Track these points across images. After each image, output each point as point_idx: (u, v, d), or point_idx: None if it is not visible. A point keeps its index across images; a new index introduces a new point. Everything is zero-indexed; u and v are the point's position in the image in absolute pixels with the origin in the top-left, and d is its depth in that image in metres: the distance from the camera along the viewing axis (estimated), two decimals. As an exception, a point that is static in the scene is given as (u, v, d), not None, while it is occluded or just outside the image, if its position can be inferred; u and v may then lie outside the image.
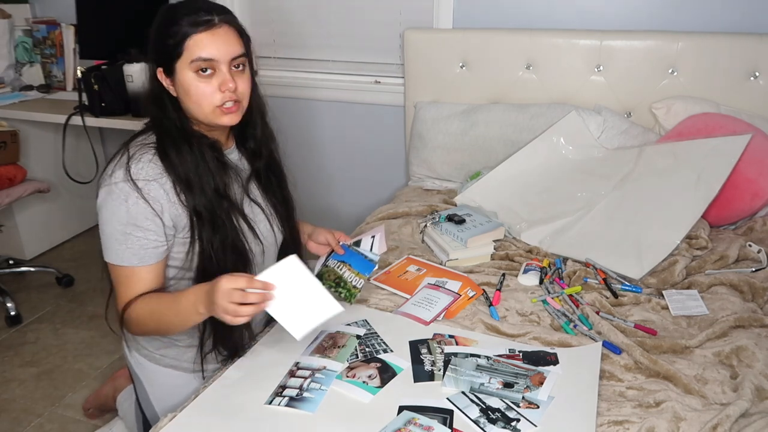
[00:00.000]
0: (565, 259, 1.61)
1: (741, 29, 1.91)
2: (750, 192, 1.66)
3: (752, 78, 1.88)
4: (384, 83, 2.42)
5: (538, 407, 1.04)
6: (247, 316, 1.00)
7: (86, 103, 2.31)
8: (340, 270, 1.35)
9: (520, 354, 1.20)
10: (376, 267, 1.35)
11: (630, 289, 1.46)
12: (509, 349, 1.22)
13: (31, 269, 2.68)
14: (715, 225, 1.75)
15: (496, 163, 1.97)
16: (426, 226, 1.75)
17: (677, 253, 1.55)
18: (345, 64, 2.50)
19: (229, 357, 1.23)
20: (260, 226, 1.26)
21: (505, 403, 1.06)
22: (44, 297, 2.52)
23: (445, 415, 1.03)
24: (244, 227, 1.21)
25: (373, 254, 1.36)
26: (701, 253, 1.59)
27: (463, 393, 1.09)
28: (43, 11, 2.88)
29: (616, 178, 1.78)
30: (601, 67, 2.01)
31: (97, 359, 2.13)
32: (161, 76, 1.13)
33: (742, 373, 1.13)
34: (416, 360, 1.18)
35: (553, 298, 1.41)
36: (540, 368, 1.15)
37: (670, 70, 1.94)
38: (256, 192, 1.28)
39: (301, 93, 2.55)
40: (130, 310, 1.13)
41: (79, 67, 2.44)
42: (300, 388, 1.10)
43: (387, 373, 1.15)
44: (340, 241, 1.39)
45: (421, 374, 1.14)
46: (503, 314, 1.37)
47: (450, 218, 1.70)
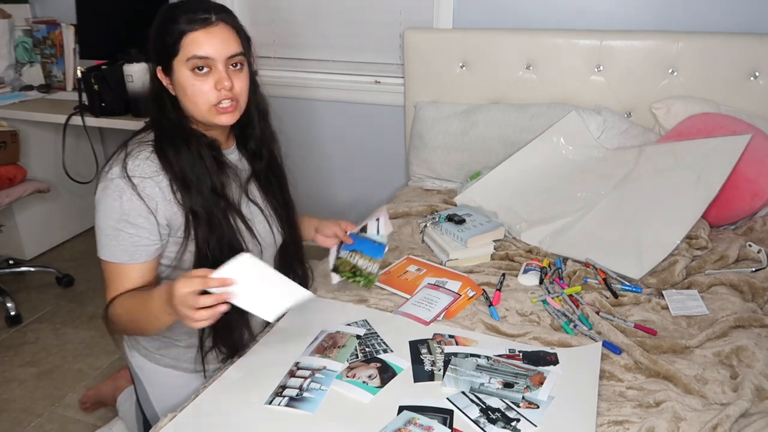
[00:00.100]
0: (565, 259, 1.61)
1: (741, 29, 1.91)
2: (750, 192, 1.66)
3: (752, 78, 1.88)
4: (384, 83, 2.42)
5: (538, 407, 1.04)
6: (207, 320, 0.95)
7: (86, 103, 2.31)
8: (353, 259, 1.39)
9: (520, 354, 1.20)
10: (387, 248, 1.39)
11: (630, 289, 1.46)
12: (509, 349, 1.22)
13: (31, 269, 2.68)
14: (715, 225, 1.75)
15: (496, 163, 1.97)
16: (426, 226, 1.75)
17: (677, 253, 1.55)
18: (345, 64, 2.50)
19: (230, 356, 1.23)
20: (258, 226, 1.25)
21: (505, 403, 1.06)
22: (44, 297, 2.52)
23: (445, 415, 1.03)
24: (242, 227, 1.20)
25: (381, 237, 1.39)
26: (701, 253, 1.59)
27: (463, 393, 1.08)
28: (43, 11, 2.88)
29: (616, 178, 1.78)
30: (601, 67, 2.01)
31: (97, 359, 2.13)
32: (160, 75, 1.13)
33: (742, 373, 1.13)
34: (416, 360, 1.18)
35: (553, 298, 1.41)
36: (540, 368, 1.15)
37: (670, 70, 1.94)
38: (256, 193, 1.28)
39: (301, 93, 2.55)
40: (111, 308, 1.11)
41: (79, 67, 2.44)
42: (300, 388, 1.10)
43: (387, 373, 1.15)
44: (348, 231, 1.41)
45: (421, 374, 1.14)
46: (503, 314, 1.37)
47: (450, 218, 1.70)
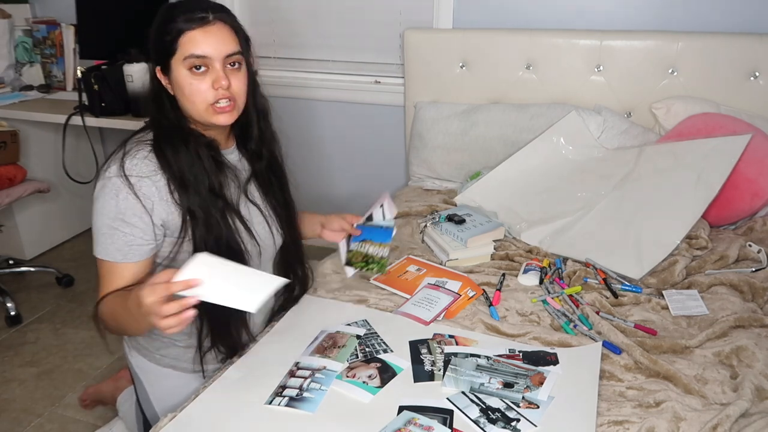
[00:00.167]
0: (565, 259, 1.61)
1: (741, 29, 1.91)
2: (750, 192, 1.66)
3: (752, 78, 1.88)
4: (384, 83, 2.42)
5: (538, 407, 1.04)
6: (177, 327, 0.91)
7: (86, 103, 2.31)
8: (364, 249, 1.40)
9: (520, 354, 1.20)
10: (395, 230, 1.39)
11: (630, 289, 1.46)
12: (509, 349, 1.22)
13: (31, 269, 2.68)
14: (715, 225, 1.75)
15: (496, 163, 1.97)
16: (426, 226, 1.75)
17: (677, 253, 1.55)
18: (345, 64, 2.50)
19: (229, 356, 1.23)
20: (257, 227, 1.24)
21: (505, 403, 1.06)
22: (44, 297, 2.52)
23: (445, 415, 1.03)
24: (240, 227, 1.19)
25: (388, 221, 1.39)
26: (701, 253, 1.59)
27: (463, 393, 1.08)
28: (43, 11, 2.88)
29: (616, 178, 1.78)
30: (601, 67, 2.01)
31: (97, 359, 2.13)
32: (159, 74, 1.13)
33: (742, 373, 1.13)
34: (416, 360, 1.18)
35: (553, 298, 1.41)
36: (540, 368, 1.15)
37: (670, 70, 1.94)
38: (256, 193, 1.27)
39: (301, 93, 2.55)
40: (100, 306, 1.11)
41: (79, 67, 2.44)
42: (300, 388, 1.10)
43: (387, 373, 1.14)
44: (354, 224, 1.41)
45: (421, 374, 1.14)
46: (503, 314, 1.37)
47: (450, 218, 1.70)
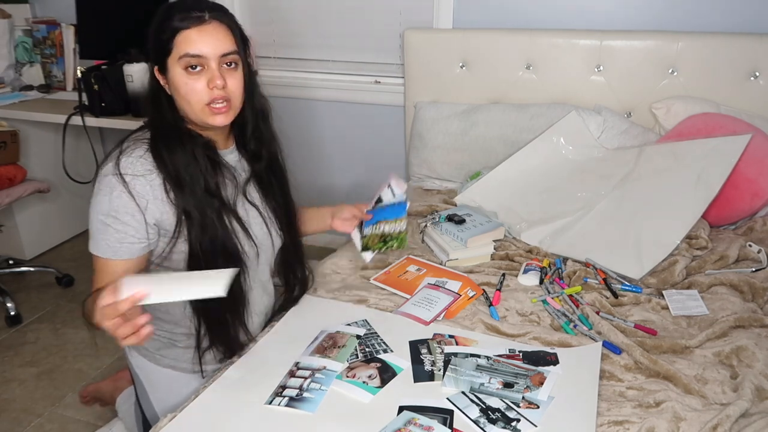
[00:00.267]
0: (565, 259, 1.61)
1: (741, 29, 1.91)
2: (750, 192, 1.66)
3: (752, 78, 1.88)
4: (384, 83, 2.42)
5: (538, 407, 1.04)
6: (139, 342, 0.93)
7: (86, 103, 2.31)
8: (379, 230, 1.38)
9: (520, 354, 1.20)
10: (408, 203, 1.37)
11: (630, 289, 1.46)
12: (509, 349, 1.22)
13: (31, 269, 2.68)
14: (715, 225, 1.75)
15: (496, 163, 1.97)
16: (426, 226, 1.75)
17: (677, 253, 1.55)
18: (345, 64, 2.50)
19: (227, 356, 1.23)
20: (255, 228, 1.23)
21: (505, 403, 1.06)
22: (44, 297, 2.52)
23: (445, 415, 1.03)
24: (237, 228, 1.19)
25: (398, 196, 1.38)
26: (701, 253, 1.59)
27: (463, 393, 1.08)
28: (43, 11, 2.88)
29: (616, 178, 1.78)
30: (601, 67, 2.01)
31: (97, 359, 2.13)
32: (157, 74, 1.13)
33: (742, 373, 1.13)
34: (416, 360, 1.18)
35: (553, 298, 1.41)
36: (540, 368, 1.15)
37: (670, 70, 1.94)
38: (255, 194, 1.27)
39: (301, 93, 2.55)
40: (89, 301, 1.09)
41: (79, 67, 2.44)
42: (300, 388, 1.10)
43: (387, 373, 1.14)
44: (365, 210, 1.41)
45: (421, 374, 1.14)
46: (503, 314, 1.37)
47: (450, 218, 1.70)
